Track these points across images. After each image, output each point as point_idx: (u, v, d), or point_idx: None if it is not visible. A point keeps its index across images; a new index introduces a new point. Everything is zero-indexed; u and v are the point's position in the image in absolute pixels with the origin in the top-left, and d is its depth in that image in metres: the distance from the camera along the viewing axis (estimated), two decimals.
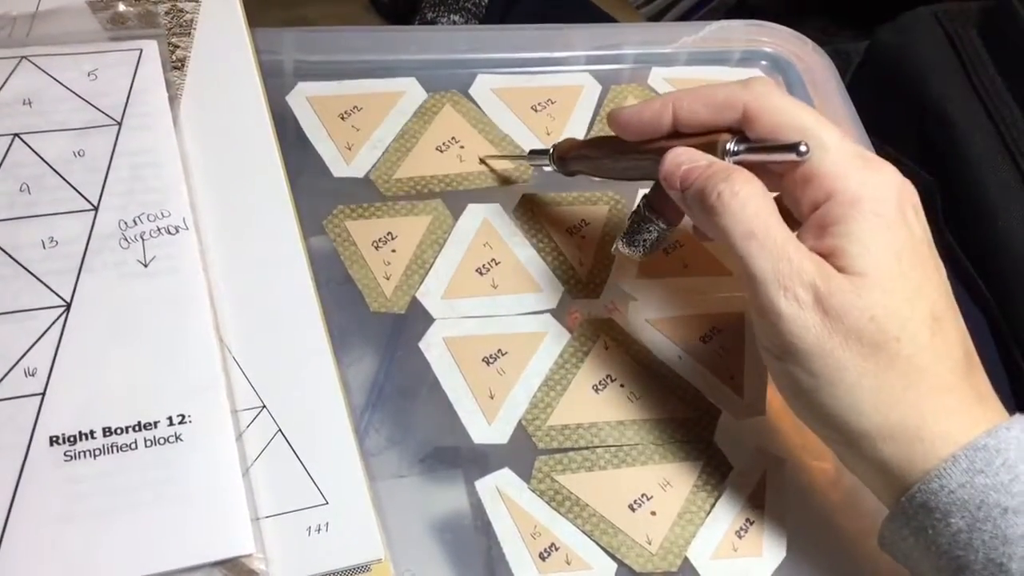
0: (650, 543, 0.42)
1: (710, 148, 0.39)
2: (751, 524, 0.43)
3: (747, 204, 0.37)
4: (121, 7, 0.49)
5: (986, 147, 0.64)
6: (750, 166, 0.38)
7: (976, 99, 0.66)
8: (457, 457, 0.43)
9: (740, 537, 0.42)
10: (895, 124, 0.69)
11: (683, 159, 0.39)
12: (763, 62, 0.60)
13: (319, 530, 0.38)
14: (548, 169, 0.49)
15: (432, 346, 0.45)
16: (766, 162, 0.39)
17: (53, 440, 0.37)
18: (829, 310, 0.35)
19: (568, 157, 0.47)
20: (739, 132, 0.39)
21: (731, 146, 0.39)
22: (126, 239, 0.42)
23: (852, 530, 0.44)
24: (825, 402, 0.36)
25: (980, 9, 0.69)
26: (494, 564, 0.40)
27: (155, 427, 0.38)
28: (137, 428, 0.38)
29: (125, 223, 0.43)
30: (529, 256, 0.49)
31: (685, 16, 1.03)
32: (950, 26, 0.69)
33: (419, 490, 0.42)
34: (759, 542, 0.42)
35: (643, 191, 0.44)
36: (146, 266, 0.42)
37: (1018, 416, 0.36)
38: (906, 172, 0.71)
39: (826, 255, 0.36)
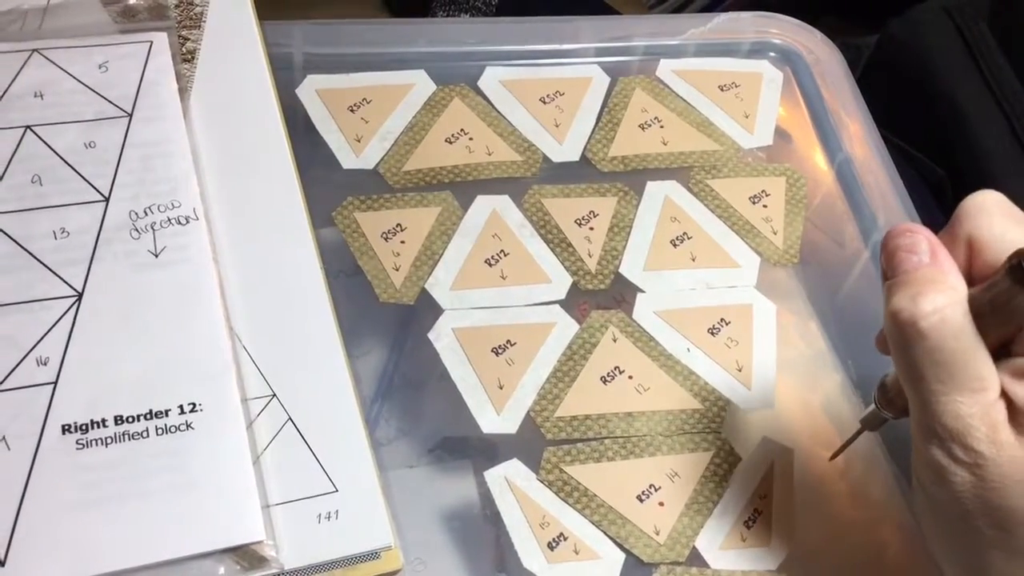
0: (658, 533, 0.42)
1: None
2: (759, 515, 0.43)
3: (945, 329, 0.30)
4: (131, 0, 0.49)
5: (998, 140, 0.64)
6: None
7: (987, 92, 0.66)
8: (466, 447, 0.43)
9: (748, 528, 0.42)
10: (906, 118, 0.69)
11: (902, 241, 0.33)
12: (772, 53, 0.60)
13: (329, 517, 0.38)
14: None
15: (441, 337, 0.46)
16: None
17: (65, 428, 0.37)
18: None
19: None
20: None
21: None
22: (137, 229, 0.42)
23: (860, 520, 0.44)
24: None
25: (990, 1, 0.69)
26: (503, 553, 0.40)
27: (166, 415, 0.38)
28: (148, 416, 0.38)
29: (136, 214, 0.43)
30: (538, 247, 0.49)
31: None
32: (960, 19, 0.69)
33: (429, 480, 0.42)
34: (767, 533, 0.42)
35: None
36: (157, 256, 0.42)
37: None
38: (917, 166, 0.71)
39: None
